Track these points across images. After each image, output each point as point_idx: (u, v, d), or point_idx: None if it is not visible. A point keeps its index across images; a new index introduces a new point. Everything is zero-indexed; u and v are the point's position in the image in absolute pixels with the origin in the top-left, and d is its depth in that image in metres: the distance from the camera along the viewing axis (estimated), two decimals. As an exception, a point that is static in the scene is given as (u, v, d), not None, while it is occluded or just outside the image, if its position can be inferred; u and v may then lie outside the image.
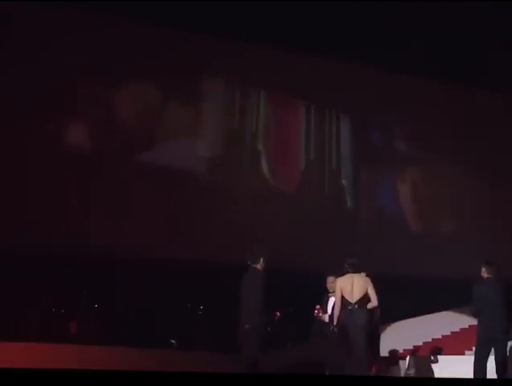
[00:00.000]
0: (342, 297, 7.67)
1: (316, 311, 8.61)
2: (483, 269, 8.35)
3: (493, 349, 8.03)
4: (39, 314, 11.24)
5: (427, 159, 15.00)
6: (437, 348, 10.71)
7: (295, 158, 14.52)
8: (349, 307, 7.60)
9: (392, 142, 14.99)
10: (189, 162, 13.42)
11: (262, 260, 7.75)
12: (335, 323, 7.72)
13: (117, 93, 13.22)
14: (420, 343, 11.64)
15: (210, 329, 11.54)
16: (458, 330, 12.39)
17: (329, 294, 8.50)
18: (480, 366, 7.95)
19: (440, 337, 12.23)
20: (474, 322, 9.17)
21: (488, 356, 7.97)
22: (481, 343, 8.10)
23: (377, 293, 7.70)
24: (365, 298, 7.62)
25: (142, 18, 12.81)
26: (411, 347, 11.24)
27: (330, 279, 8.48)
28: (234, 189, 13.65)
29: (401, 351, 10.82)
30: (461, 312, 12.64)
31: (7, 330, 10.12)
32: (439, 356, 10.25)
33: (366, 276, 7.87)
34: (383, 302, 8.21)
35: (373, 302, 7.65)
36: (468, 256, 13.91)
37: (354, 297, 7.63)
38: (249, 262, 7.78)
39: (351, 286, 7.67)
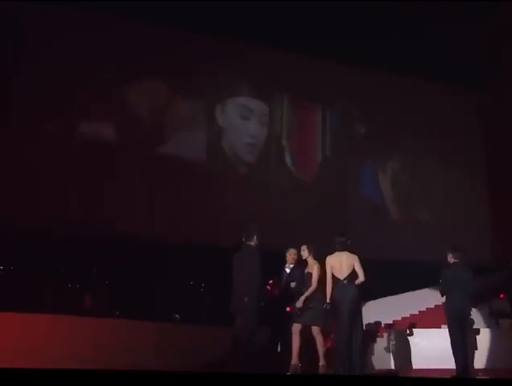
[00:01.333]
0: (332, 274, 7.71)
1: (269, 287, 8.63)
2: (449, 255, 8.68)
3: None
4: (55, 289, 11.00)
5: (406, 153, 15.40)
6: (413, 323, 11.08)
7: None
8: (339, 284, 7.64)
9: (375, 137, 15.16)
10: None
11: (255, 237, 7.66)
12: (328, 300, 7.71)
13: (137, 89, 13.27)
14: (399, 318, 11.69)
15: (212, 304, 11.50)
16: (433, 306, 12.45)
17: (285, 266, 8.58)
18: (454, 339, 8.30)
19: (417, 313, 12.29)
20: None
21: (459, 330, 8.32)
22: (451, 320, 8.43)
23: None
24: (354, 274, 7.66)
25: (159, 21, 13.12)
26: (391, 322, 11.23)
27: (291, 251, 8.56)
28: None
29: (383, 324, 10.91)
30: (435, 290, 12.77)
31: (29, 303, 10.19)
32: (418, 329, 10.55)
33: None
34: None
35: (361, 278, 7.66)
36: (440, 241, 14.12)
37: (343, 273, 7.66)
38: (243, 239, 7.68)
39: (339, 264, 7.71)
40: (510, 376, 8.79)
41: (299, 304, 8.01)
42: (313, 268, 8.25)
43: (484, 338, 10.11)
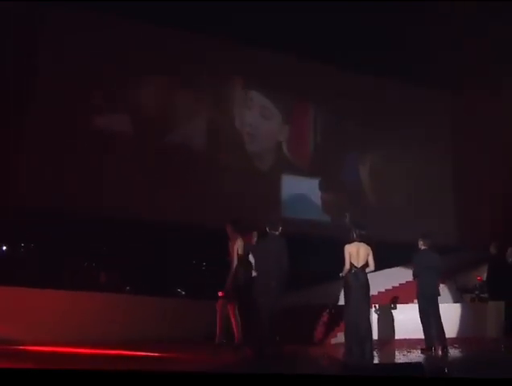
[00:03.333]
0: (350, 261, 7.79)
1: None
2: (420, 242, 8.90)
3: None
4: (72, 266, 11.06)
5: (383, 147, 15.53)
6: (394, 297, 11.41)
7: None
8: (354, 270, 7.72)
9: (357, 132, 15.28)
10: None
11: (280, 227, 7.88)
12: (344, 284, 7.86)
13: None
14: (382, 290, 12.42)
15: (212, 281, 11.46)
16: (404, 282, 12.55)
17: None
18: (424, 316, 8.59)
19: (391, 288, 12.38)
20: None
21: (427, 308, 8.58)
22: (421, 299, 8.74)
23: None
24: (366, 264, 7.79)
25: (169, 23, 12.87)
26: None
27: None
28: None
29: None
30: (406, 268, 12.90)
31: (48, 280, 10.22)
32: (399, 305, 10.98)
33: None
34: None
35: (371, 267, 7.83)
36: (413, 224, 14.13)
37: (359, 262, 7.76)
38: (267, 228, 7.83)
39: (357, 252, 7.79)
40: (470, 344, 9.27)
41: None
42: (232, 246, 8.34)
43: (451, 311, 10.41)
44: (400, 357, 7.96)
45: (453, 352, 8.42)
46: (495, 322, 8.80)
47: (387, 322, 10.43)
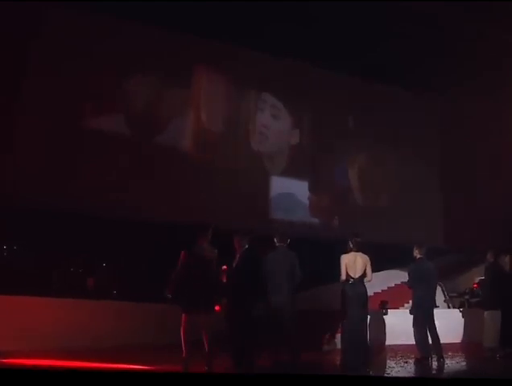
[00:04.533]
0: (347, 272, 7.69)
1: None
2: (415, 250, 8.76)
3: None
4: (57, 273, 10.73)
5: (371, 149, 15.44)
6: (382, 301, 11.29)
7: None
8: (351, 281, 7.65)
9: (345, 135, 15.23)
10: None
11: (288, 239, 7.99)
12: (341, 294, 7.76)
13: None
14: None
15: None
16: (393, 285, 12.50)
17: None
18: (419, 327, 8.45)
19: (380, 291, 12.35)
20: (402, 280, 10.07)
21: (423, 321, 8.46)
22: (416, 311, 8.57)
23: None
24: (364, 274, 7.72)
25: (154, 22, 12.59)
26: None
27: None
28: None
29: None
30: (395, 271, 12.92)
31: (30, 285, 9.74)
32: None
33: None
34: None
35: (368, 278, 7.75)
36: (400, 226, 14.06)
37: (357, 272, 7.67)
38: (276, 241, 7.93)
39: (354, 263, 7.69)
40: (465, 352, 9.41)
41: None
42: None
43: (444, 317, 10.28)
44: (398, 369, 7.81)
45: (449, 362, 8.35)
46: (491, 331, 8.75)
47: (378, 328, 10.38)
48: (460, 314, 11.39)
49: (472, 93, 14.43)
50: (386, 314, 10.58)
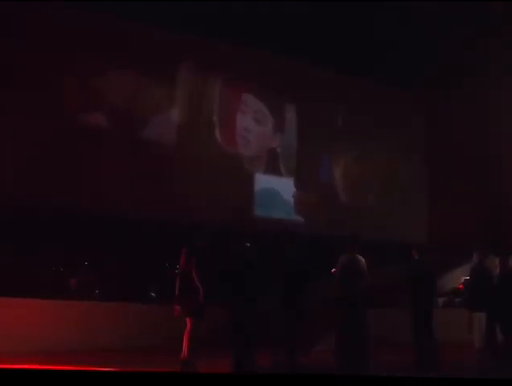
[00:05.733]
0: (345, 273, 7.65)
1: None
2: (414, 251, 8.73)
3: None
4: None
5: (356, 148, 15.39)
6: None
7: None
8: (349, 281, 7.60)
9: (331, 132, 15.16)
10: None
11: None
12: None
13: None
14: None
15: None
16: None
17: None
18: (417, 328, 8.37)
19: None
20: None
21: (422, 323, 8.37)
22: (415, 313, 8.44)
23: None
24: (362, 275, 7.69)
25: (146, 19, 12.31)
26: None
27: None
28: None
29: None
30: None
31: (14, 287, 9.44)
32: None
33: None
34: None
35: (367, 280, 7.72)
36: (386, 225, 14.02)
37: (355, 274, 7.62)
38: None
39: (352, 265, 7.67)
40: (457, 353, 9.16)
41: None
42: None
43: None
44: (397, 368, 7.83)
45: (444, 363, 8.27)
46: (480, 332, 8.77)
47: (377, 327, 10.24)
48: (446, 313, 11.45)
49: (459, 92, 14.54)
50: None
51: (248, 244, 7.80)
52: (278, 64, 14.21)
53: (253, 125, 14.32)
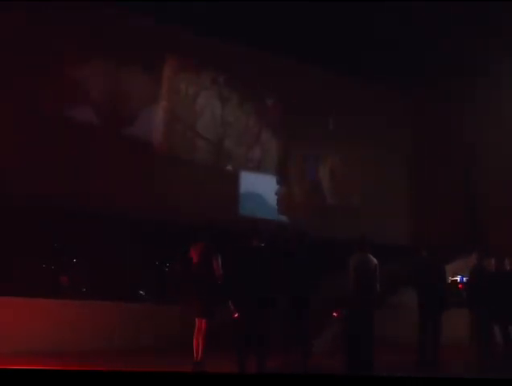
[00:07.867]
0: (357, 273, 7.76)
1: None
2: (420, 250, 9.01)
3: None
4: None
5: (343, 150, 15.51)
6: None
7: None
8: (360, 281, 7.73)
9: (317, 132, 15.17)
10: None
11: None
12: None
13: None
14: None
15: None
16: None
17: None
18: (424, 327, 8.44)
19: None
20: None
21: (430, 322, 8.46)
22: (423, 311, 8.52)
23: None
24: (373, 275, 7.81)
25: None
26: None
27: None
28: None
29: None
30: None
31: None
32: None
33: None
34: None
35: (377, 281, 7.82)
36: (373, 225, 13.85)
37: (367, 274, 7.76)
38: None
39: (363, 265, 7.81)
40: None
41: None
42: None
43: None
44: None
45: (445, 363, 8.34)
46: (472, 332, 8.83)
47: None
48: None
49: (446, 92, 14.68)
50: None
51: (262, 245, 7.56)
52: (275, 64, 14.15)
53: (240, 124, 14.32)
